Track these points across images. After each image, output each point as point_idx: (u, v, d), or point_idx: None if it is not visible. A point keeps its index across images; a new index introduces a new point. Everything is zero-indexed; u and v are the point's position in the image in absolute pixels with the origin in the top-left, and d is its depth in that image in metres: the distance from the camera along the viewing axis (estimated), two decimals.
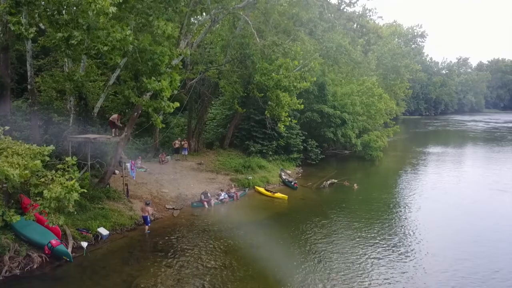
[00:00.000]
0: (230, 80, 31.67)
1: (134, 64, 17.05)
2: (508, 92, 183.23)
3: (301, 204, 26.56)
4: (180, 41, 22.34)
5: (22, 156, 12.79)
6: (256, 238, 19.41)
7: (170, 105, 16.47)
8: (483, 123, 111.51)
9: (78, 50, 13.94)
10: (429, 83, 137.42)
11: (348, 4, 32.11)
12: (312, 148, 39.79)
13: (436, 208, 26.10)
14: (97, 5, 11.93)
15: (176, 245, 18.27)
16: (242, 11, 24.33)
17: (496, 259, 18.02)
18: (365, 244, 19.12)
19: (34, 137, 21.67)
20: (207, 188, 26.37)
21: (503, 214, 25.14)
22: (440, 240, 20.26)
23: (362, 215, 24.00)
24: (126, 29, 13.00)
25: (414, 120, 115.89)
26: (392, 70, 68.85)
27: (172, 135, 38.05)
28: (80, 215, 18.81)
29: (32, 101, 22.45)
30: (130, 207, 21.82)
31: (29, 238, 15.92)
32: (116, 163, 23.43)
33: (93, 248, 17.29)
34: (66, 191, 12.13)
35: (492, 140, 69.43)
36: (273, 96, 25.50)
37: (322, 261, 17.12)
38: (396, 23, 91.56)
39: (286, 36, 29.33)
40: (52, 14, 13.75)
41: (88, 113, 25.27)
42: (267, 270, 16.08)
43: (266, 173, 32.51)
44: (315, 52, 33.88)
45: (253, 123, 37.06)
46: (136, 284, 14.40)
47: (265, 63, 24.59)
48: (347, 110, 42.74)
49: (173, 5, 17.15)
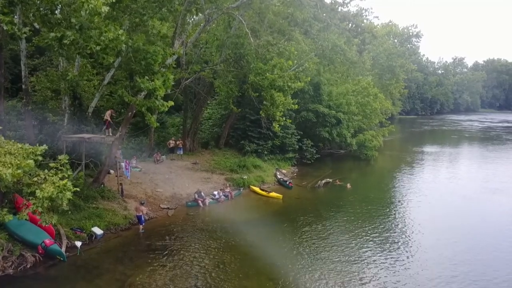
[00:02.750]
0: (225, 80, 31.69)
1: (128, 64, 17.06)
2: (504, 91, 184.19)
3: (296, 203, 26.63)
4: (175, 40, 22.37)
5: (15, 155, 12.80)
6: (250, 237, 19.44)
7: (164, 104, 16.51)
8: (478, 122, 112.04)
9: (71, 50, 13.93)
10: (425, 83, 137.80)
11: (341, 4, 32.15)
12: (307, 148, 39.87)
13: (430, 207, 26.26)
14: (90, 5, 11.95)
15: (170, 244, 18.31)
16: (236, 11, 24.38)
17: (491, 254, 18.32)
18: (359, 243, 19.24)
19: (29, 136, 21.66)
20: (202, 187, 26.39)
21: (496, 211, 25.36)
22: (434, 237, 20.43)
23: (356, 214, 24.11)
24: (118, 29, 13.02)
25: (410, 120, 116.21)
26: (388, 70, 68.97)
27: (167, 134, 38.09)
28: (74, 215, 18.83)
29: (27, 101, 22.44)
30: (124, 206, 21.84)
31: (22, 238, 15.91)
32: (111, 163, 23.43)
33: (87, 248, 17.29)
34: (59, 191, 12.14)
35: (487, 140, 69.82)
36: (267, 96, 25.56)
37: (316, 259, 17.20)
38: (391, 23, 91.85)
39: (281, 36, 29.36)
40: (45, 13, 13.77)
41: (83, 113, 25.27)
42: (261, 269, 16.18)
43: (261, 172, 32.58)
44: (310, 52, 33.95)
45: (249, 123, 37.10)
46: (129, 283, 14.44)
47: (259, 63, 24.65)
48: (342, 110, 42.87)
49: (167, 5, 17.18)
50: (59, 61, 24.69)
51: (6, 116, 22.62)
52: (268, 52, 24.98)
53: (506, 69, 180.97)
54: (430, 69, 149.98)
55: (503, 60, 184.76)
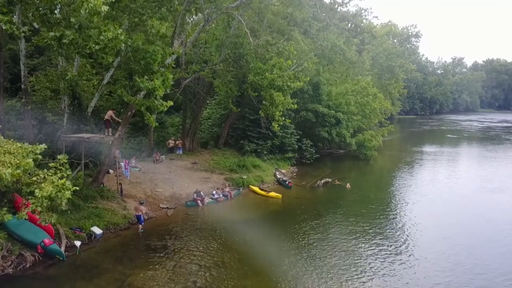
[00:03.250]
0: (224, 80, 31.69)
1: (127, 64, 17.06)
2: (503, 91, 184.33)
3: (295, 203, 26.65)
4: (174, 40, 22.36)
5: (14, 155, 12.79)
6: (249, 237, 19.45)
7: (163, 103, 16.52)
8: (477, 122, 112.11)
9: (70, 49, 13.93)
10: (425, 83, 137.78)
11: (340, 4, 32.16)
12: (306, 148, 39.89)
13: (429, 206, 26.27)
14: (89, 4, 11.96)
15: (169, 244, 18.31)
16: (236, 10, 24.38)
17: (491, 252, 18.38)
18: (359, 242, 19.26)
19: (28, 136, 21.64)
20: (201, 187, 26.39)
21: (495, 210, 25.36)
22: (433, 236, 20.45)
23: (355, 214, 24.12)
24: (117, 28, 13.03)
25: (409, 120, 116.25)
26: (387, 70, 68.90)
27: (167, 134, 38.09)
28: (74, 214, 18.84)
29: (26, 101, 22.42)
30: (124, 206, 21.84)
31: (22, 237, 15.92)
32: (110, 163, 23.43)
33: (87, 247, 17.30)
34: (58, 190, 12.14)
35: (487, 139, 69.87)
36: (267, 95, 25.53)
37: (316, 258, 17.23)
38: (391, 23, 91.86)
39: (280, 36, 29.37)
40: (44, 13, 13.79)
41: (82, 113, 25.25)
42: (260, 268, 16.18)
43: (260, 172, 32.59)
44: (310, 52, 33.94)
45: (248, 123, 37.11)
46: (129, 283, 14.44)
47: (259, 63, 24.63)
48: (342, 110, 42.91)
49: (166, 4, 17.18)
50: (58, 60, 24.66)
51: (6, 116, 22.62)
52: (268, 52, 24.96)
53: (506, 69, 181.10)
54: (429, 69, 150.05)
55: (502, 60, 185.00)
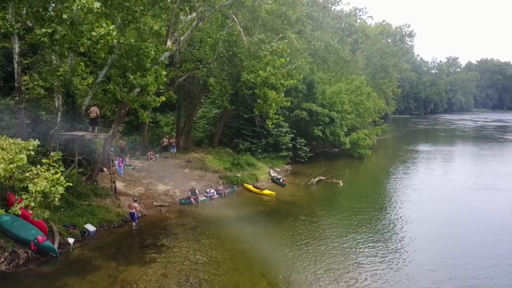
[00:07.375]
0: (219, 78, 31.75)
1: (120, 61, 17.10)
2: (497, 91, 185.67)
3: (289, 200, 26.78)
4: (167, 38, 22.40)
5: (7, 150, 12.81)
6: (243, 234, 19.55)
7: (155, 99, 16.58)
8: (471, 122, 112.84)
9: (63, 46, 13.95)
10: (419, 83, 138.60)
11: (333, 3, 32.33)
12: (301, 146, 40.05)
13: (422, 203, 26.51)
14: (82, 1, 12.02)
15: (163, 241, 18.37)
16: (229, 9, 24.43)
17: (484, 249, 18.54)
18: (351, 239, 19.42)
19: (22, 135, 21.57)
20: (196, 185, 26.47)
21: (487, 207, 25.65)
22: (427, 233, 20.69)
23: (348, 211, 24.29)
24: (110, 24, 13.09)
25: (404, 119, 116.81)
26: (381, 69, 69.38)
27: (161, 133, 38.10)
28: (67, 212, 18.86)
29: (19, 99, 22.40)
30: (117, 204, 21.87)
31: (15, 234, 15.88)
32: (104, 161, 23.45)
33: (80, 244, 17.30)
34: (51, 185, 12.19)
35: (480, 138, 70.41)
36: (261, 93, 25.67)
37: (309, 255, 17.34)
38: (385, 22, 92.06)
39: (274, 34, 29.45)
40: (37, 10, 13.80)
41: (76, 111, 25.23)
42: (253, 264, 16.32)
43: (255, 170, 32.68)
44: (304, 51, 34.07)
45: (243, 121, 37.18)
46: (122, 279, 14.49)
47: (252, 61, 24.74)
48: (336, 109, 43.12)
49: (159, 2, 17.24)
50: (52, 58, 24.63)
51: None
52: (261, 50, 25.06)
53: (499, 69, 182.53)
54: (424, 68, 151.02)
55: (496, 60, 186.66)
